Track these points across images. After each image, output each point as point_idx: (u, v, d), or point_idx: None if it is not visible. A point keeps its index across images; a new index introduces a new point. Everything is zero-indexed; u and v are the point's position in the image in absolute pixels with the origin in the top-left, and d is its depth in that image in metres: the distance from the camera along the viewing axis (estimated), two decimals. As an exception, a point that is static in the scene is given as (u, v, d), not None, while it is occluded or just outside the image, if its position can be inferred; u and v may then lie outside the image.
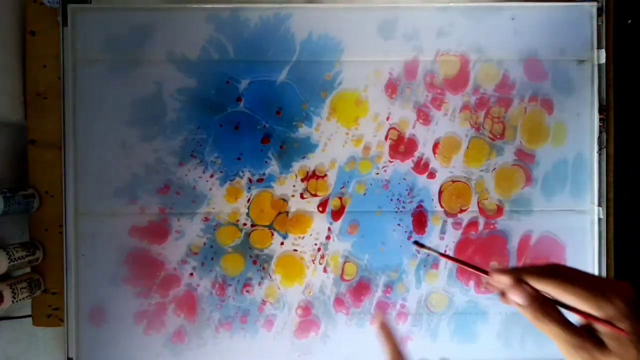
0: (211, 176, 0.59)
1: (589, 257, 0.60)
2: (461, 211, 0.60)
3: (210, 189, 0.59)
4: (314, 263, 0.60)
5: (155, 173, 0.59)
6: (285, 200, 0.60)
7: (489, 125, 0.60)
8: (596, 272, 0.60)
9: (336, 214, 0.60)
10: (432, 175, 0.60)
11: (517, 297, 0.30)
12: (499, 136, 0.60)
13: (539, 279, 0.30)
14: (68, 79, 0.58)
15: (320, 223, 0.60)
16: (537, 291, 0.30)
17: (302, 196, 0.60)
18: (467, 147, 0.60)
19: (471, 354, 0.60)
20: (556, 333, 0.29)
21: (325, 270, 0.60)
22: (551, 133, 0.60)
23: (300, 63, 0.59)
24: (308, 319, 0.60)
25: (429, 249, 0.40)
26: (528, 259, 0.60)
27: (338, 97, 0.60)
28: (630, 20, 0.60)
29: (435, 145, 0.60)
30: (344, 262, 0.60)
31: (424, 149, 0.60)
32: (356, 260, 0.60)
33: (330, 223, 0.60)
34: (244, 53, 0.59)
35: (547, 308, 0.30)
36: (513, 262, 0.60)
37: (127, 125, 0.59)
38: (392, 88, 0.60)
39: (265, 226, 0.60)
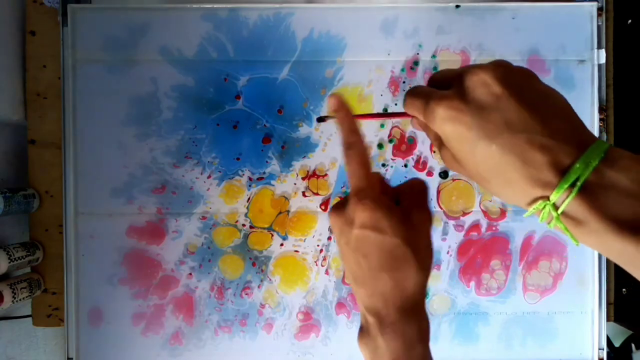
0: (208, 177, 0.59)
1: (589, 257, 0.60)
2: (464, 214, 0.60)
3: (208, 189, 0.59)
4: (316, 265, 0.60)
5: (152, 173, 0.59)
6: (286, 199, 0.60)
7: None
8: (596, 273, 0.60)
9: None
10: (430, 174, 0.60)
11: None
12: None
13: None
14: (68, 79, 0.58)
15: (322, 223, 0.60)
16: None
17: (304, 194, 0.60)
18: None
19: (472, 355, 0.60)
20: None
21: (327, 272, 0.60)
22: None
23: (302, 61, 0.59)
24: (309, 323, 0.60)
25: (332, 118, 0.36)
26: (530, 257, 0.60)
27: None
28: (630, 20, 0.60)
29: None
30: (345, 264, 0.60)
31: (423, 147, 0.60)
32: (356, 260, 0.60)
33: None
34: (244, 51, 0.59)
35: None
36: (515, 262, 0.60)
37: (127, 125, 0.59)
38: (394, 85, 0.60)
39: (265, 228, 0.60)
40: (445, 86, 0.28)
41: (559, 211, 0.24)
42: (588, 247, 0.60)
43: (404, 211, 0.31)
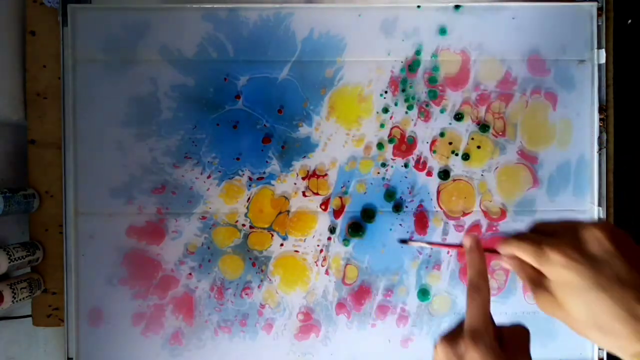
0: (208, 177, 0.59)
1: (589, 257, 0.60)
2: (464, 214, 0.60)
3: (208, 189, 0.59)
4: (317, 265, 0.60)
5: (152, 173, 0.59)
6: (286, 199, 0.60)
7: (490, 120, 0.60)
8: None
9: (337, 214, 0.60)
10: (430, 174, 0.60)
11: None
12: (500, 133, 0.60)
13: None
14: (68, 79, 0.58)
15: (323, 223, 0.60)
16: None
17: (304, 194, 0.60)
18: (467, 144, 0.60)
19: (471, 354, 0.60)
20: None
21: (327, 272, 0.60)
22: (557, 130, 0.60)
23: (302, 61, 0.59)
24: (309, 323, 0.60)
25: (417, 242, 0.40)
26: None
27: (338, 94, 0.60)
28: (630, 20, 0.60)
29: (433, 142, 0.60)
30: (346, 265, 0.60)
31: (423, 147, 0.60)
32: (357, 263, 0.60)
33: (333, 222, 0.60)
34: (244, 51, 0.59)
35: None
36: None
37: (127, 125, 0.59)
38: (394, 85, 0.60)
39: (265, 228, 0.60)
40: (549, 235, 0.31)
41: None
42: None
43: (508, 357, 0.32)
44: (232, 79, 0.59)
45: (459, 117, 0.60)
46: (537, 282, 0.31)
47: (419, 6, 0.59)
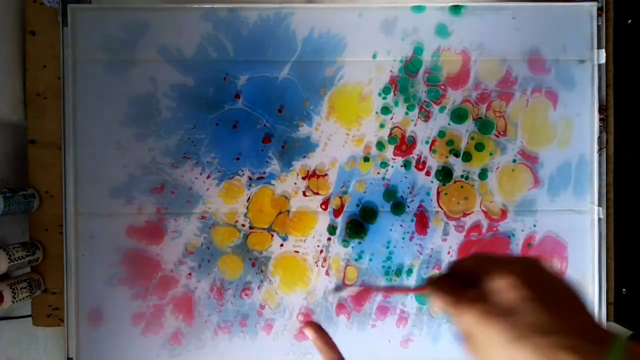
0: (208, 177, 0.59)
1: (589, 257, 0.60)
2: (465, 215, 0.60)
3: (207, 189, 0.59)
4: (317, 266, 0.60)
5: (152, 173, 0.59)
6: (286, 198, 0.60)
7: (492, 116, 0.60)
8: (596, 273, 0.60)
9: (337, 214, 0.60)
10: (429, 173, 0.60)
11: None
12: (501, 133, 0.60)
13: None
14: (68, 79, 0.58)
15: (323, 223, 0.60)
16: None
17: (304, 194, 0.60)
18: (467, 144, 0.60)
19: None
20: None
21: (327, 273, 0.60)
22: (557, 130, 0.60)
23: (302, 60, 0.59)
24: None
25: (350, 287, 0.38)
26: (529, 258, 0.60)
27: (338, 94, 0.60)
28: (630, 20, 0.60)
29: (433, 142, 0.60)
30: (346, 266, 0.60)
31: (423, 147, 0.60)
32: (357, 264, 0.60)
33: (333, 222, 0.60)
34: (244, 51, 0.59)
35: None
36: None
37: (127, 125, 0.59)
38: (394, 85, 0.60)
39: (264, 229, 0.60)
40: (467, 279, 0.30)
41: None
42: (588, 247, 0.60)
43: None
44: (231, 78, 0.59)
45: (459, 116, 0.60)
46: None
47: (419, 6, 0.59)
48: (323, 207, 0.60)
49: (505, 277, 0.27)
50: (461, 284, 0.30)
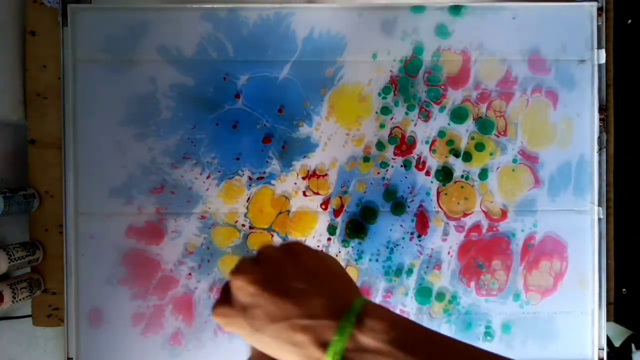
0: (208, 177, 0.59)
1: (589, 257, 0.60)
2: (465, 215, 0.60)
3: (207, 189, 0.59)
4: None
5: (151, 173, 0.59)
6: (287, 198, 0.60)
7: (492, 116, 0.60)
8: (596, 273, 0.60)
9: (337, 214, 0.60)
10: (428, 173, 0.60)
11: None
12: (502, 133, 0.60)
13: None
14: (68, 79, 0.58)
15: (323, 223, 0.60)
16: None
17: (304, 194, 0.60)
18: (467, 144, 0.60)
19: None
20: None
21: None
22: (557, 130, 0.60)
23: (302, 60, 0.59)
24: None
25: None
26: (531, 258, 0.60)
27: (337, 94, 0.60)
28: (630, 20, 0.60)
29: (433, 142, 0.60)
30: (346, 266, 0.60)
31: (423, 147, 0.60)
32: (357, 265, 0.60)
33: (333, 222, 0.60)
34: (244, 51, 0.59)
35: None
36: (516, 262, 0.60)
37: (126, 125, 0.59)
38: (394, 85, 0.60)
39: (264, 229, 0.60)
40: None
41: None
42: (588, 247, 0.60)
43: None
44: (231, 78, 0.59)
45: (459, 116, 0.60)
46: None
47: (419, 6, 0.59)
48: (323, 207, 0.60)
49: (235, 281, 0.29)
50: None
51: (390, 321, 0.26)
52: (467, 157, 0.60)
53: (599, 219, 0.60)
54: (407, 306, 0.60)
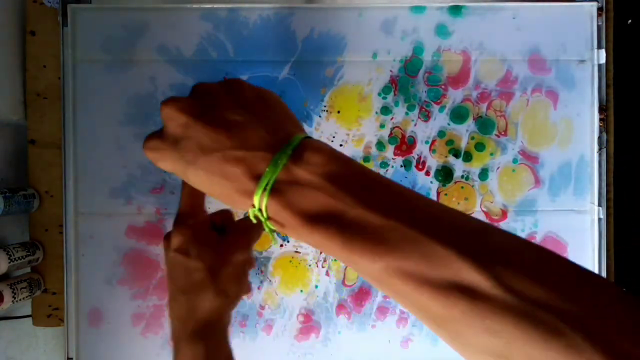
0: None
1: (589, 257, 0.60)
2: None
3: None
4: (317, 266, 0.60)
5: (151, 173, 0.59)
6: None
7: (492, 115, 0.60)
8: (596, 272, 0.60)
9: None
10: (428, 173, 0.60)
11: None
12: (502, 132, 0.60)
13: None
14: (68, 79, 0.58)
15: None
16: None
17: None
18: (467, 144, 0.60)
19: (472, 355, 0.60)
20: None
21: (327, 274, 0.60)
22: (557, 129, 0.60)
23: (302, 60, 0.59)
24: (309, 324, 0.60)
25: None
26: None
27: (337, 94, 0.60)
28: (630, 20, 0.60)
29: (433, 142, 0.60)
30: (345, 267, 0.60)
31: (423, 147, 0.60)
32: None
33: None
34: (244, 51, 0.59)
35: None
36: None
37: (126, 125, 0.59)
38: (394, 84, 0.60)
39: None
40: None
41: (265, 215, 0.24)
42: (589, 247, 0.60)
43: (223, 243, 0.34)
44: (231, 77, 0.59)
45: (459, 115, 0.60)
46: None
47: (419, 7, 0.59)
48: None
49: (164, 109, 0.27)
50: None
51: (329, 155, 0.24)
52: (468, 157, 0.60)
53: (599, 219, 0.60)
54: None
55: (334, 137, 0.60)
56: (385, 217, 0.22)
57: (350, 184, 0.23)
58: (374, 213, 0.22)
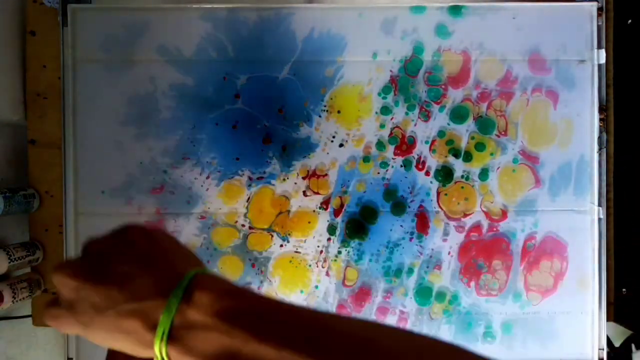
0: (207, 177, 0.59)
1: (589, 257, 0.60)
2: (465, 215, 0.60)
3: (207, 189, 0.59)
4: (317, 266, 0.60)
5: (151, 173, 0.59)
6: (287, 198, 0.60)
7: (492, 115, 0.60)
8: (596, 273, 0.60)
9: (337, 213, 0.60)
10: (428, 173, 0.60)
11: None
12: (502, 132, 0.60)
13: None
14: (68, 79, 0.58)
15: (323, 223, 0.60)
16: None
17: (304, 194, 0.60)
18: (467, 144, 0.60)
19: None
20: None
21: (327, 274, 0.60)
22: (557, 129, 0.60)
23: (302, 60, 0.59)
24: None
25: None
26: (531, 258, 0.60)
27: (338, 93, 0.59)
28: (630, 20, 0.60)
29: (433, 142, 0.60)
30: (345, 267, 0.60)
31: (423, 147, 0.60)
32: (357, 265, 0.60)
33: (333, 222, 0.60)
34: (244, 51, 0.59)
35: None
36: (517, 262, 0.60)
37: (126, 125, 0.59)
38: (394, 84, 0.60)
39: (264, 229, 0.60)
40: None
41: None
42: (589, 247, 0.59)
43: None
44: (231, 78, 0.59)
45: (459, 115, 0.60)
46: None
47: (419, 7, 0.59)
48: (323, 206, 0.60)
49: (56, 277, 0.27)
50: None
51: (218, 291, 0.24)
52: (468, 157, 0.60)
53: (599, 219, 0.60)
54: (406, 307, 0.60)
55: (334, 137, 0.60)
56: (278, 349, 0.22)
57: (244, 317, 0.23)
58: (268, 345, 0.22)
